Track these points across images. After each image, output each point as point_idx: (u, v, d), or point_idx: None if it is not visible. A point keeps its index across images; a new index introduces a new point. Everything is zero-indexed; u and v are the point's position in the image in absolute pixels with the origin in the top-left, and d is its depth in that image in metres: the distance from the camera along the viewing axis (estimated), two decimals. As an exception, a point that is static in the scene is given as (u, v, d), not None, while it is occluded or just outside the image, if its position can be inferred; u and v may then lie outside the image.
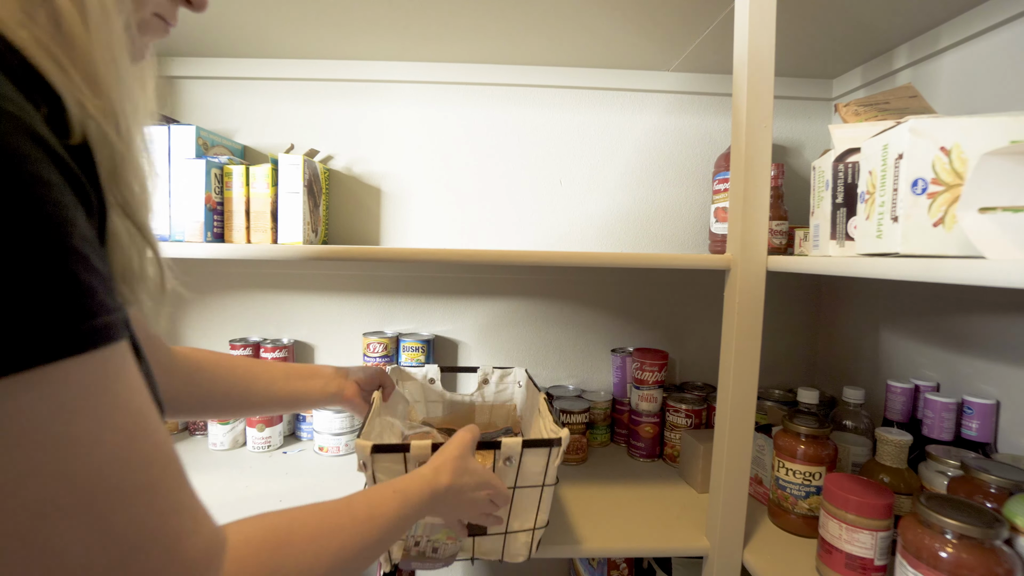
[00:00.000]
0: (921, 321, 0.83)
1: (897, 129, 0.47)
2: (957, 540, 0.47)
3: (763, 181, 0.62)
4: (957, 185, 0.45)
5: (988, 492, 0.54)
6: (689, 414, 0.93)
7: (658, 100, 1.05)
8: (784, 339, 1.09)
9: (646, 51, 0.94)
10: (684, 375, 1.11)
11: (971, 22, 0.73)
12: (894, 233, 0.47)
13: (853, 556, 0.57)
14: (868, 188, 0.52)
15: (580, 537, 0.70)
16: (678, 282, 1.09)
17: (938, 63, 0.80)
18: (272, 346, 1.00)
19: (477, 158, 1.05)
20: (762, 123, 0.62)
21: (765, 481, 0.79)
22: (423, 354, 1.01)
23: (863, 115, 0.68)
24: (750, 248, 0.63)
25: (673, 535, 0.71)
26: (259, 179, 0.88)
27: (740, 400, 0.64)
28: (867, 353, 0.95)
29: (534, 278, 1.07)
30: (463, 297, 1.08)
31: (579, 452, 0.94)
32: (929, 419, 0.70)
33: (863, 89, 0.97)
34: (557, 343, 1.09)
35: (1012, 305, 0.69)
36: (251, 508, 0.34)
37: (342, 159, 1.05)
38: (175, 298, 0.34)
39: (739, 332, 0.63)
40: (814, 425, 0.70)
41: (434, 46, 0.94)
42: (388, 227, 1.07)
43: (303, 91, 1.04)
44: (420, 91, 1.04)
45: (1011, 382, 0.69)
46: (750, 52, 0.61)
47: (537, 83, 1.03)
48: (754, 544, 0.68)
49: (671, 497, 0.82)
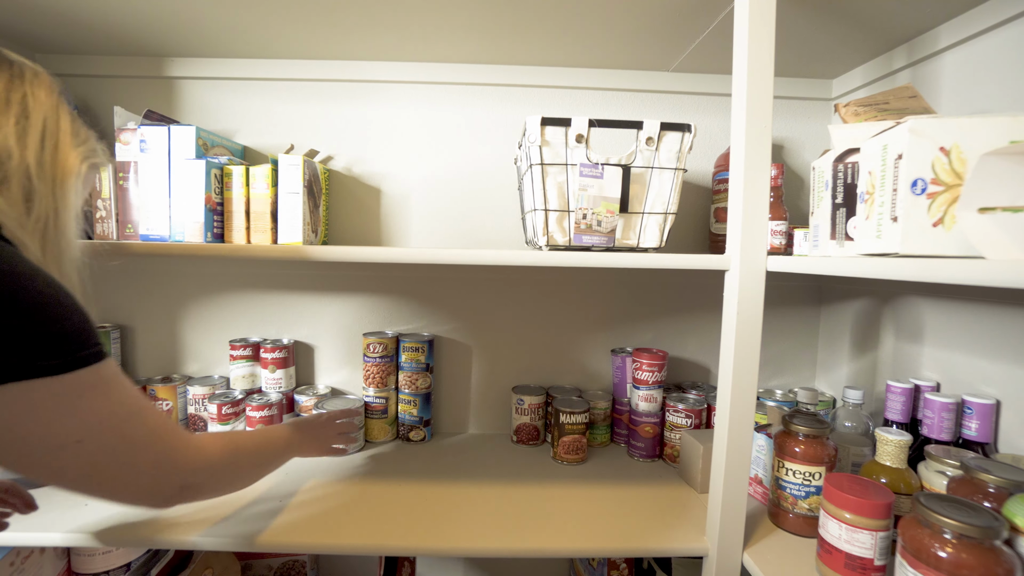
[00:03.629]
0: (921, 321, 0.83)
1: (897, 129, 0.47)
2: (957, 540, 0.47)
3: (763, 181, 0.62)
4: (957, 185, 0.45)
5: (988, 492, 0.54)
6: (689, 414, 0.93)
7: (658, 100, 1.05)
8: (784, 339, 1.09)
9: (646, 51, 0.94)
10: (684, 375, 1.11)
11: (971, 22, 0.73)
12: (894, 233, 0.47)
13: (853, 556, 0.57)
14: (868, 188, 0.52)
15: (580, 537, 0.70)
16: (678, 282, 1.09)
17: (938, 63, 0.80)
18: (272, 346, 1.00)
19: (477, 158, 1.05)
20: (762, 123, 0.62)
21: (765, 481, 0.80)
22: (423, 354, 1.01)
23: (863, 115, 0.68)
24: (750, 248, 0.63)
25: (673, 535, 0.71)
26: (259, 179, 0.88)
27: (740, 400, 0.64)
28: (867, 353, 0.95)
29: (534, 278, 1.07)
30: (463, 297, 1.08)
31: (579, 452, 0.94)
32: (929, 419, 0.70)
33: (863, 89, 0.97)
34: (557, 343, 1.09)
35: (1012, 305, 0.69)
36: (254, 509, 0.34)
37: (342, 159, 1.05)
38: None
39: (739, 332, 0.63)
40: (814, 425, 0.70)
41: (434, 46, 0.94)
42: (388, 227, 1.07)
43: (303, 91, 1.04)
44: (420, 91, 1.04)
45: (1011, 382, 0.69)
46: (750, 52, 0.61)
47: (537, 83, 1.03)
48: (754, 544, 0.68)
49: (671, 497, 0.82)
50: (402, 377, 1.02)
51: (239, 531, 0.69)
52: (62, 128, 0.50)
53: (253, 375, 1.02)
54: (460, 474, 0.89)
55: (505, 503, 0.78)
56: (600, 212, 0.71)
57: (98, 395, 0.41)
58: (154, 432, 0.46)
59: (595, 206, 0.71)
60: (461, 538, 0.69)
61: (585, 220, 0.71)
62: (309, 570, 1.04)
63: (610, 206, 0.71)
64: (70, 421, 0.40)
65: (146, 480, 0.46)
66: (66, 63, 1.01)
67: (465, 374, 1.09)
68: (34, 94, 0.48)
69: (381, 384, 1.01)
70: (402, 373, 1.02)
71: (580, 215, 0.71)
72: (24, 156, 0.45)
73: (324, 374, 1.09)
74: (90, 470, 0.42)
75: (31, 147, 0.46)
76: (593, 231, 0.71)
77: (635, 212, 0.73)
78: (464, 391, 1.10)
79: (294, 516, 0.73)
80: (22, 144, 0.45)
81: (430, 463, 0.93)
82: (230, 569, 0.93)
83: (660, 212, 0.73)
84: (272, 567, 1.01)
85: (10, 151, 0.44)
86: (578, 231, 0.71)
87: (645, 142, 0.72)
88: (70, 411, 0.40)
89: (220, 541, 0.68)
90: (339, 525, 0.71)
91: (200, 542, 0.68)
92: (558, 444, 0.94)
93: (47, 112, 0.49)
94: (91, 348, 0.41)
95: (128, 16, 0.85)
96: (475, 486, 0.84)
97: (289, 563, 1.02)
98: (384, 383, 1.01)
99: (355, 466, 0.90)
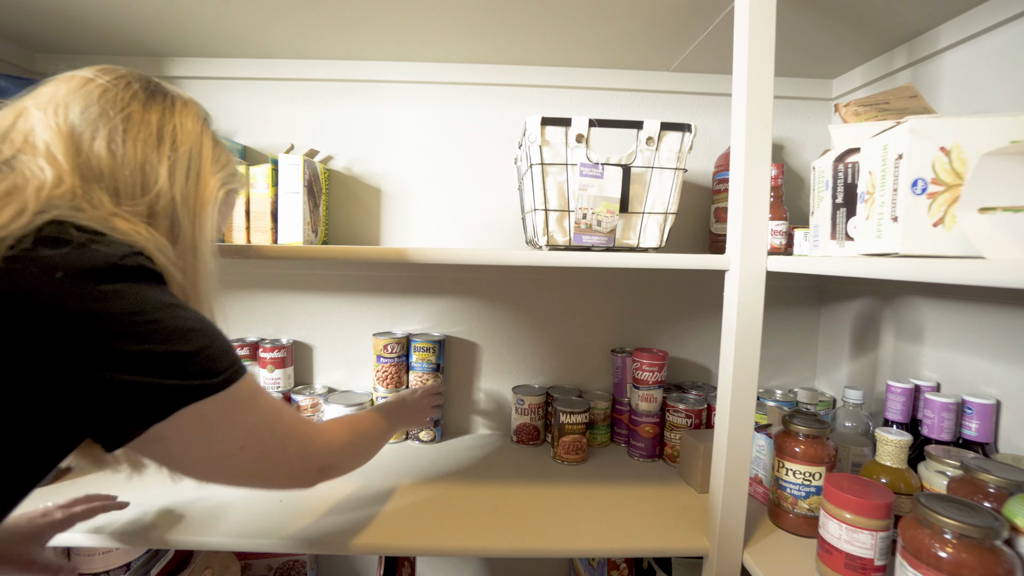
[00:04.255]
0: (921, 321, 0.83)
1: (897, 129, 0.47)
2: (957, 540, 0.47)
3: (763, 181, 0.62)
4: (957, 185, 0.45)
5: (988, 492, 0.54)
6: (689, 414, 0.93)
7: (658, 100, 1.05)
8: (784, 339, 1.09)
9: (646, 51, 0.94)
10: (684, 375, 1.11)
11: (971, 22, 0.73)
12: (894, 233, 0.47)
13: (853, 556, 0.57)
14: (868, 188, 0.52)
15: (580, 537, 0.70)
16: (678, 282, 1.09)
17: (938, 63, 0.80)
18: (271, 346, 1.00)
19: (477, 158, 1.05)
20: (762, 123, 0.62)
21: (765, 481, 0.79)
22: (434, 354, 1.01)
23: (863, 115, 0.68)
24: (750, 248, 0.63)
25: (673, 535, 0.71)
26: (259, 179, 0.88)
27: (740, 400, 0.64)
28: (867, 353, 0.95)
29: (535, 278, 1.07)
30: (463, 297, 1.08)
31: (579, 452, 0.94)
32: (929, 419, 0.70)
33: (863, 89, 0.97)
34: (557, 343, 1.09)
35: (1012, 305, 0.69)
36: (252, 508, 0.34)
37: (342, 159, 1.05)
38: None
39: (739, 332, 0.63)
40: (814, 425, 0.70)
41: (434, 46, 0.94)
42: (388, 227, 1.07)
43: (303, 91, 1.04)
44: (420, 91, 1.04)
45: (1011, 382, 0.68)
46: (750, 52, 0.61)
47: (537, 83, 1.03)
48: (754, 544, 0.68)
49: (671, 497, 0.82)
50: (413, 377, 1.02)
51: (240, 531, 0.69)
52: (204, 156, 0.51)
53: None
54: (461, 474, 0.89)
55: (505, 503, 0.78)
56: (600, 212, 0.71)
57: (251, 404, 0.45)
58: (295, 427, 0.50)
59: (595, 206, 0.71)
60: (461, 538, 0.69)
61: (585, 220, 0.71)
62: (309, 570, 1.04)
63: (610, 206, 0.71)
64: (234, 431, 0.44)
65: (294, 468, 0.51)
66: (66, 63, 1.00)
67: (468, 375, 1.09)
68: (182, 124, 0.49)
69: (396, 384, 1.01)
70: (413, 373, 1.02)
71: (580, 215, 0.71)
72: (172, 191, 0.47)
73: (322, 374, 1.09)
74: (253, 468, 0.47)
75: (178, 181, 0.48)
76: (593, 231, 0.71)
77: (635, 212, 0.73)
78: (468, 391, 1.10)
79: (294, 516, 0.73)
80: (172, 179, 0.47)
81: (434, 463, 0.93)
82: (230, 569, 0.93)
83: (660, 212, 0.73)
84: (272, 567, 1.01)
85: (162, 188, 0.46)
86: (578, 231, 0.71)
87: (645, 142, 0.72)
88: (233, 422, 0.43)
89: (220, 541, 0.68)
90: (339, 525, 0.71)
91: (200, 542, 0.68)
92: (558, 444, 0.94)
93: (192, 142, 0.50)
94: (238, 364, 0.44)
95: (128, 16, 0.85)
96: (475, 486, 0.84)
97: (289, 563, 1.02)
98: (399, 383, 1.02)
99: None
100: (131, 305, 0.37)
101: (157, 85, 0.50)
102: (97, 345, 0.35)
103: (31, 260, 0.34)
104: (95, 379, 0.35)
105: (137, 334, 0.36)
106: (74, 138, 0.43)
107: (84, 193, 0.41)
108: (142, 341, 0.36)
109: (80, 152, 0.43)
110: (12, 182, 0.38)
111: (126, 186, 0.44)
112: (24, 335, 0.33)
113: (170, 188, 0.47)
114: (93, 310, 0.35)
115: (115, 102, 0.46)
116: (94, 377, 0.35)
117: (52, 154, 0.41)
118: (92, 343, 0.35)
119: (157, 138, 0.47)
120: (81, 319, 0.34)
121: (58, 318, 0.34)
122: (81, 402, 0.36)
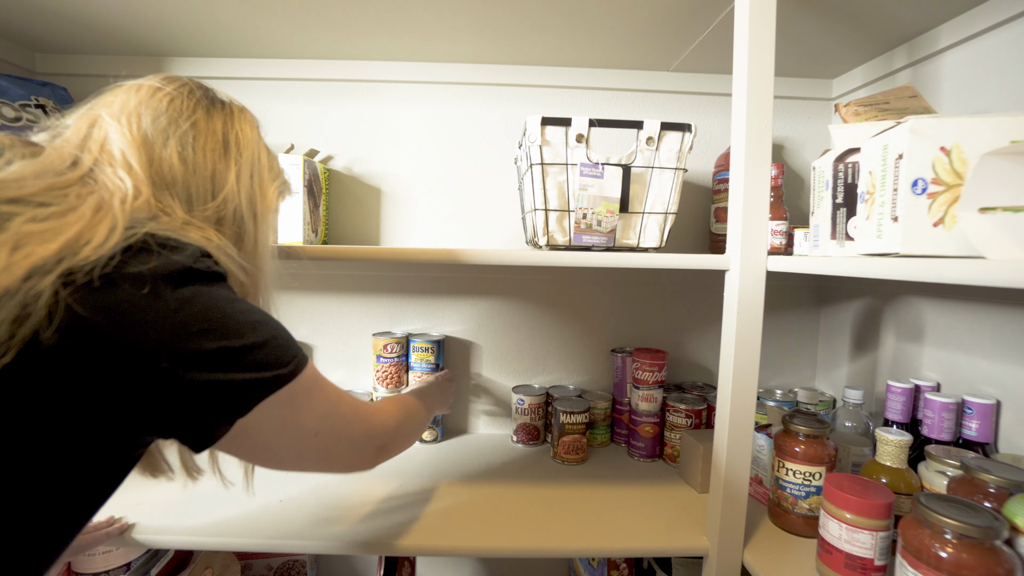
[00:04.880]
0: (921, 321, 0.83)
1: (897, 129, 0.47)
2: (957, 540, 0.47)
3: (763, 181, 0.62)
4: (957, 185, 0.45)
5: (988, 492, 0.54)
6: (689, 414, 0.93)
7: (658, 100, 1.05)
8: (784, 339, 1.09)
9: (646, 51, 0.94)
10: (684, 375, 1.11)
11: (971, 22, 0.73)
12: (894, 233, 0.47)
13: (853, 556, 0.57)
14: (868, 188, 0.52)
15: (580, 537, 0.70)
16: (678, 282, 1.09)
17: (938, 63, 0.80)
18: (272, 346, 1.00)
19: (477, 158, 1.05)
20: (762, 123, 0.62)
21: (765, 481, 0.79)
22: (433, 354, 1.01)
23: (863, 115, 0.68)
24: (750, 248, 0.63)
25: (673, 535, 0.71)
26: (259, 179, 0.88)
27: (740, 400, 0.64)
28: (867, 353, 0.95)
29: (534, 278, 1.07)
30: (462, 297, 1.08)
31: (579, 452, 0.94)
32: (929, 419, 0.70)
33: (863, 89, 0.97)
34: (557, 343, 1.09)
35: (1012, 305, 0.69)
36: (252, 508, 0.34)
37: (342, 159, 1.05)
38: None
39: (739, 332, 0.63)
40: (814, 425, 0.70)
41: (434, 46, 0.94)
42: (388, 227, 1.07)
43: (302, 91, 1.04)
44: (420, 91, 1.04)
45: (1011, 382, 0.68)
46: (750, 52, 0.61)
47: (537, 83, 1.03)
48: (754, 544, 0.68)
49: (671, 497, 0.82)
50: (413, 377, 1.02)
51: (240, 531, 0.69)
52: (263, 163, 0.52)
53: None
54: (461, 474, 0.89)
55: (505, 503, 0.78)
56: (600, 212, 0.71)
57: (319, 390, 0.47)
58: (356, 409, 0.52)
59: (595, 206, 0.71)
60: (461, 538, 0.69)
61: (585, 220, 0.71)
62: (309, 570, 1.04)
63: (610, 206, 0.71)
64: (307, 417, 0.45)
65: (359, 449, 0.52)
66: (66, 63, 1.01)
67: (468, 375, 1.09)
68: (243, 131, 0.51)
69: (397, 384, 1.01)
70: (412, 373, 1.02)
71: (580, 215, 0.71)
72: (239, 196, 0.48)
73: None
74: (326, 452, 0.49)
75: (244, 186, 0.49)
76: (593, 231, 0.71)
77: (635, 212, 0.73)
78: (467, 391, 1.10)
79: (295, 516, 0.73)
80: (238, 184, 0.49)
81: (434, 463, 0.93)
82: (230, 569, 0.93)
83: (660, 212, 0.73)
84: (272, 567, 1.01)
85: (229, 194, 0.48)
86: (578, 231, 0.71)
87: (645, 142, 0.72)
88: (304, 409, 0.45)
89: (220, 541, 0.68)
90: (339, 525, 0.71)
91: (200, 542, 0.68)
92: (558, 444, 0.94)
93: (253, 148, 0.51)
94: (301, 353, 0.45)
95: (128, 16, 0.85)
96: (475, 486, 0.84)
97: (289, 563, 1.02)
98: (399, 383, 1.02)
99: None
100: (206, 305, 0.38)
101: (213, 92, 0.52)
102: (181, 349, 0.36)
103: (123, 277, 0.35)
104: (182, 382, 0.36)
105: (214, 331, 0.37)
106: (147, 147, 0.44)
107: (158, 202, 0.43)
108: (219, 338, 0.37)
109: (152, 161, 0.44)
110: (100, 196, 0.39)
111: (197, 193, 0.46)
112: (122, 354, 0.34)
113: (237, 194, 0.48)
114: (175, 316, 0.36)
115: (182, 110, 0.47)
116: (181, 381, 0.36)
117: (129, 163, 0.43)
118: (177, 348, 0.35)
119: (223, 145, 0.48)
120: (166, 327, 0.35)
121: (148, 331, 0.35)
122: (168, 409, 0.36)
